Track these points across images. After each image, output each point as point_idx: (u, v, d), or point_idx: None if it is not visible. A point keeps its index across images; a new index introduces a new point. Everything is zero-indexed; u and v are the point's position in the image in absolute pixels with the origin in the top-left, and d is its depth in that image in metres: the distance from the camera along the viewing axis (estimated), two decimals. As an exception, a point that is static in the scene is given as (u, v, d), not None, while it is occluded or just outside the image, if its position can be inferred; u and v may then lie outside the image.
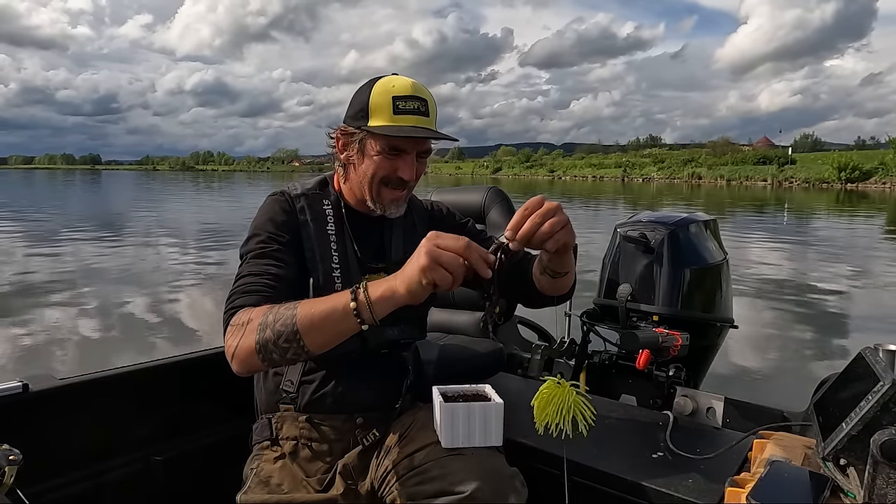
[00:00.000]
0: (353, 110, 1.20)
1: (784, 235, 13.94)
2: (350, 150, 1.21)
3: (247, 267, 1.14)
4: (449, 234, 0.94)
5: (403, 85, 1.17)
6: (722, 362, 2.00)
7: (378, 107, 1.15)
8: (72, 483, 1.25)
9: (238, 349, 1.01)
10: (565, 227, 1.01)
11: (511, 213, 2.20)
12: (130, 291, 6.91)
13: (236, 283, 1.13)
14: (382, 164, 1.18)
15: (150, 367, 1.43)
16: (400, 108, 1.14)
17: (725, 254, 1.85)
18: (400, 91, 1.15)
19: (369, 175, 1.19)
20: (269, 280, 1.11)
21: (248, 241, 1.19)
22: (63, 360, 4.49)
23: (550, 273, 1.16)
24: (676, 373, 1.58)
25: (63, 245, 10.97)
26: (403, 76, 1.20)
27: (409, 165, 1.19)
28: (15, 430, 1.03)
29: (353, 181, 1.24)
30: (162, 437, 1.41)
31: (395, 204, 1.23)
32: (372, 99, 1.16)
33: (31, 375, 1.26)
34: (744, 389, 3.61)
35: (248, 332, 1.00)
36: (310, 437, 1.21)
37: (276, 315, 0.99)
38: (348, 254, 1.23)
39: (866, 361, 0.94)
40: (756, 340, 5.12)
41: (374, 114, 1.15)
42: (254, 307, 1.05)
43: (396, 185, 1.20)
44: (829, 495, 0.90)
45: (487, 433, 1.06)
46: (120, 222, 15.89)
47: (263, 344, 0.99)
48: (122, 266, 8.80)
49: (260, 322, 1.00)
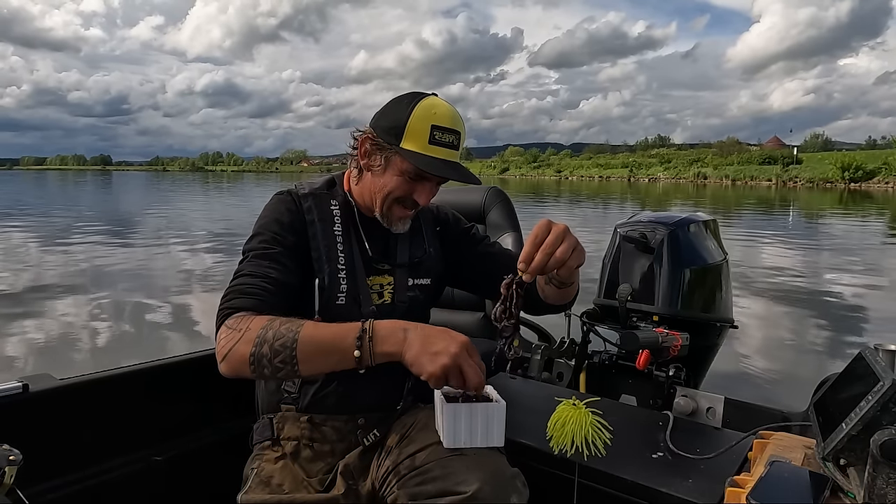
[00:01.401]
0: (387, 122, 1.17)
1: (784, 235, 13.93)
2: (373, 159, 1.20)
3: (247, 265, 1.13)
4: (475, 364, 0.96)
5: (444, 114, 1.15)
6: (722, 362, 2.00)
7: (415, 131, 1.13)
8: (72, 483, 1.25)
9: (231, 354, 1.01)
10: (576, 251, 1.02)
11: (511, 214, 2.22)
12: (139, 292, 6.95)
13: (234, 280, 1.12)
14: (402, 185, 1.18)
15: (150, 367, 1.43)
16: (436, 138, 1.13)
17: (725, 254, 1.85)
18: (440, 121, 1.14)
19: (386, 191, 1.19)
20: (267, 283, 1.10)
21: (251, 238, 1.19)
22: (64, 359, 4.49)
23: (556, 283, 1.17)
24: (676, 373, 1.58)
25: (74, 244, 11.08)
26: (444, 101, 1.18)
27: (428, 192, 1.20)
28: (15, 430, 1.03)
29: (365, 187, 1.23)
30: (162, 437, 1.41)
31: (402, 221, 1.23)
32: (411, 121, 1.14)
33: (31, 375, 1.26)
34: (744, 389, 3.61)
35: (244, 340, 1.00)
36: (311, 437, 1.21)
37: (276, 333, 0.99)
38: (354, 255, 1.22)
39: (866, 361, 0.94)
40: (756, 340, 5.12)
41: (409, 136, 1.14)
42: (253, 313, 1.04)
43: (409, 205, 1.21)
44: (829, 495, 0.90)
45: (489, 434, 1.06)
46: (131, 222, 16.02)
47: (258, 358, 0.99)
48: (131, 266, 8.85)
49: (258, 335, 0.99)
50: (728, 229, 13.44)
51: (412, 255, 1.29)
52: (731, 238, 11.35)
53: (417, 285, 1.29)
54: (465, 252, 1.36)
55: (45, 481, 1.20)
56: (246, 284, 1.10)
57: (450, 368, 0.94)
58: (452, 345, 0.95)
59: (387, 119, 1.18)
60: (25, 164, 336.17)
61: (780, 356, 4.79)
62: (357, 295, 1.20)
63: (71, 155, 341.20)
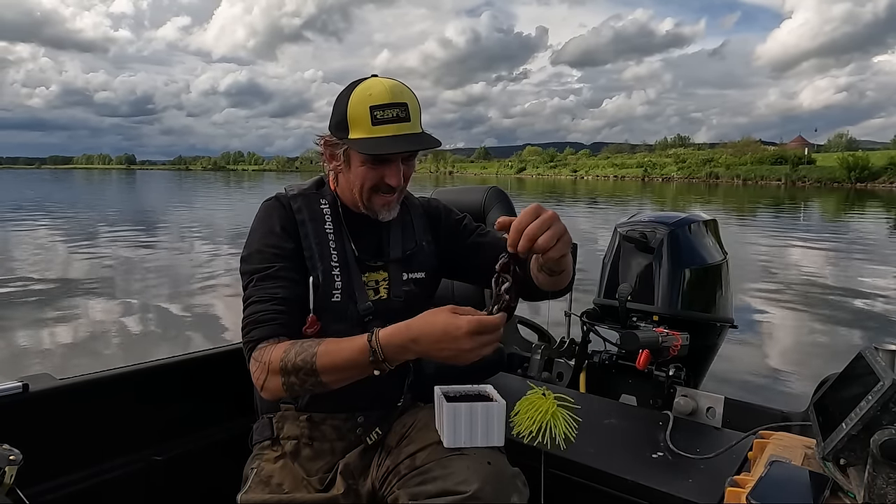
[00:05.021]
0: (334, 120, 1.18)
1: (784, 235, 13.93)
2: (336, 160, 1.20)
3: (254, 291, 1.15)
4: (487, 340, 0.97)
5: (380, 92, 1.13)
6: (722, 362, 2.00)
7: (356, 118, 1.13)
8: (72, 483, 1.25)
9: (265, 388, 1.09)
10: (561, 240, 1.00)
11: (511, 214, 2.22)
12: (164, 288, 7.09)
13: (247, 310, 1.14)
14: (368, 173, 1.17)
15: (150, 367, 1.43)
16: (378, 118, 1.12)
17: (725, 254, 1.85)
18: (377, 99, 1.12)
19: (358, 185, 1.19)
20: (278, 306, 1.12)
21: (249, 256, 1.19)
22: (63, 358, 4.50)
23: (548, 271, 1.17)
24: (676, 373, 1.58)
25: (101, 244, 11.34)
26: (383, 78, 1.16)
27: (395, 172, 1.18)
28: (15, 430, 1.03)
29: (343, 187, 1.24)
30: (162, 437, 1.41)
31: (386, 208, 1.23)
32: (350, 110, 1.14)
33: (31, 375, 1.26)
34: (744, 389, 3.61)
35: (270, 374, 1.07)
36: (311, 436, 1.21)
37: (294, 364, 1.05)
38: (347, 252, 1.23)
39: (866, 361, 0.94)
40: (756, 340, 5.12)
41: (353, 125, 1.14)
42: (271, 341, 1.09)
43: (386, 191, 1.20)
44: (829, 495, 0.90)
45: (489, 433, 1.06)
46: (154, 220, 16.39)
47: (291, 387, 1.07)
48: (156, 264, 9.01)
49: (280, 367, 1.06)
50: (728, 229, 13.44)
51: (405, 249, 1.29)
52: (732, 237, 11.35)
53: (412, 279, 1.29)
54: (459, 243, 1.35)
55: (45, 481, 1.20)
56: (259, 313, 1.12)
57: (473, 359, 0.98)
58: (463, 340, 0.96)
59: (334, 116, 1.19)
60: (51, 163, 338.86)
61: (780, 356, 4.79)
62: (352, 291, 1.20)
63: (97, 154, 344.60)
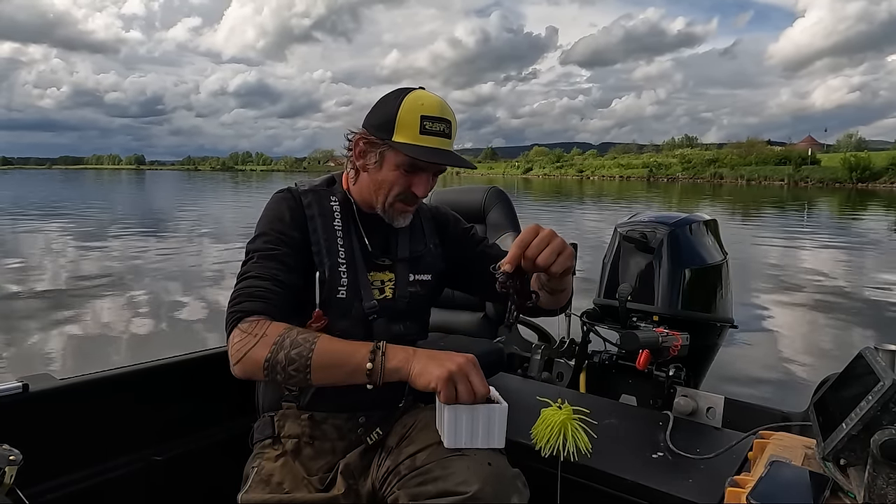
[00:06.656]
0: (377, 120, 1.19)
1: (783, 235, 13.93)
2: (368, 158, 1.21)
3: (253, 267, 1.14)
4: (481, 375, 1.02)
5: (432, 104, 1.16)
6: (722, 362, 2.00)
7: (405, 123, 1.15)
8: (72, 483, 1.25)
9: (246, 357, 1.05)
10: (561, 255, 1.03)
11: (511, 214, 2.22)
12: (175, 288, 7.11)
13: (241, 281, 1.13)
14: (399, 179, 1.19)
15: (150, 368, 1.43)
16: (427, 128, 1.15)
17: (725, 254, 1.85)
18: (429, 111, 1.15)
19: (386, 188, 1.20)
20: (274, 286, 1.12)
21: (255, 238, 1.20)
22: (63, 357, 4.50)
23: (548, 290, 1.18)
24: (676, 373, 1.58)
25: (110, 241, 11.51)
26: (431, 93, 1.19)
27: (425, 183, 1.20)
28: (15, 430, 1.03)
29: (363, 186, 1.24)
30: (162, 437, 1.41)
31: (403, 217, 1.25)
32: (400, 114, 1.15)
33: (31, 375, 1.26)
34: (744, 389, 3.62)
35: (260, 344, 1.04)
36: (312, 435, 1.21)
37: (293, 342, 1.04)
38: (354, 249, 1.23)
39: (866, 361, 0.94)
40: (756, 340, 5.12)
41: (400, 129, 1.15)
42: (266, 317, 1.07)
43: (410, 200, 1.22)
44: (829, 495, 0.90)
45: (490, 435, 1.06)
46: (164, 220, 16.49)
47: (273, 364, 1.04)
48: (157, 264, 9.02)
49: (275, 341, 1.04)
50: (729, 229, 13.44)
51: (412, 250, 1.30)
52: (731, 237, 11.35)
53: (418, 281, 1.30)
54: (465, 252, 1.36)
55: (45, 481, 1.20)
56: (254, 287, 1.11)
57: (456, 374, 0.99)
58: (459, 357, 1.01)
59: (377, 116, 1.20)
60: (62, 164, 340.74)
61: (780, 356, 4.79)
62: (358, 289, 1.21)
63: (107, 155, 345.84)
